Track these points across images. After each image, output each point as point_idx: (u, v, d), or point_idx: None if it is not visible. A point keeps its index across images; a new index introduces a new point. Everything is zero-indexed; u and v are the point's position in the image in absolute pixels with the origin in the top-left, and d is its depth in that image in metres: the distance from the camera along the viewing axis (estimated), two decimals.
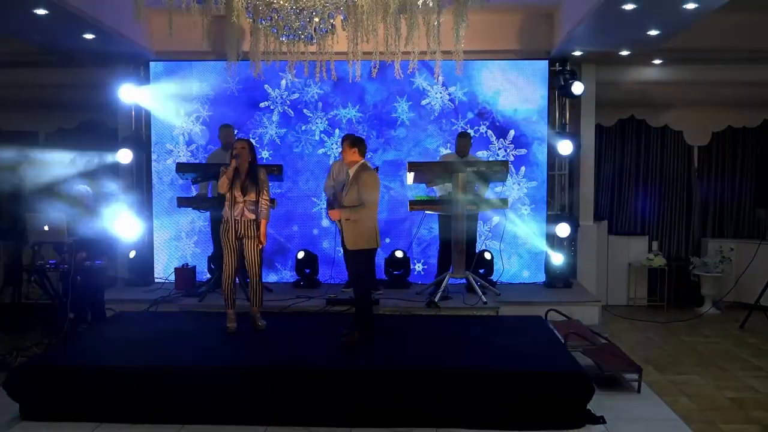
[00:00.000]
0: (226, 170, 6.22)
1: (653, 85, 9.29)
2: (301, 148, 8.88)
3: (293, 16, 4.48)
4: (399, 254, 8.47)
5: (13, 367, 5.84)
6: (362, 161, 6.10)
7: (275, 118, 8.87)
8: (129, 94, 8.62)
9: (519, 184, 8.79)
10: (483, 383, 5.17)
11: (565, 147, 8.39)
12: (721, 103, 9.55)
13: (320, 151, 8.85)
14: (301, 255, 8.45)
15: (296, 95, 8.83)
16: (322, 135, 8.85)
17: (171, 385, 5.22)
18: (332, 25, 4.78)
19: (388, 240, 8.63)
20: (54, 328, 6.72)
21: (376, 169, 7.58)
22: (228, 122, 8.37)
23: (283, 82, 8.77)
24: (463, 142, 7.99)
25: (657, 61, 8.85)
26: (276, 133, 8.88)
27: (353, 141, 6.10)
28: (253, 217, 6.27)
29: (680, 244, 9.91)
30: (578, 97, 8.61)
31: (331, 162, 8.37)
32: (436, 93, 8.75)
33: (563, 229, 8.43)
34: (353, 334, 6.00)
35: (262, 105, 8.87)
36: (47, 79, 9.15)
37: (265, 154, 8.79)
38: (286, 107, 8.84)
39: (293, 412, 5.15)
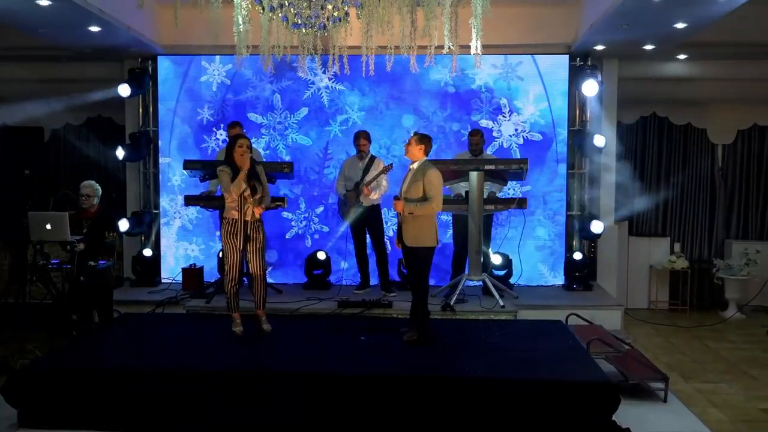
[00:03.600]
0: (226, 171, 5.97)
1: (676, 82, 8.99)
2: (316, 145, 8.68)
3: (305, 4, 4.23)
4: (321, 255, 8.24)
5: (14, 371, 5.64)
6: (425, 159, 6.02)
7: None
8: (135, 89, 8.41)
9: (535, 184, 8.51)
10: (501, 392, 4.94)
11: (600, 140, 8.11)
12: (747, 99, 9.25)
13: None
14: (322, 257, 8.21)
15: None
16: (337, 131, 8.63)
17: (177, 390, 5.02)
18: (346, 13, 4.52)
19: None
20: (57, 329, 6.54)
21: (390, 166, 7.39)
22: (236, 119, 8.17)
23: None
24: (475, 140, 7.73)
25: (681, 57, 8.55)
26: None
27: (421, 138, 6.03)
28: (258, 216, 6.06)
29: (703, 245, 9.62)
30: (592, 97, 8.31)
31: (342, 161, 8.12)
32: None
33: (597, 226, 8.09)
34: (413, 333, 5.94)
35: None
36: (54, 74, 8.98)
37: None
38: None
39: (303, 418, 4.95)
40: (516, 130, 8.46)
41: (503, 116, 8.47)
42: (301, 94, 8.61)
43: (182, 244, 8.76)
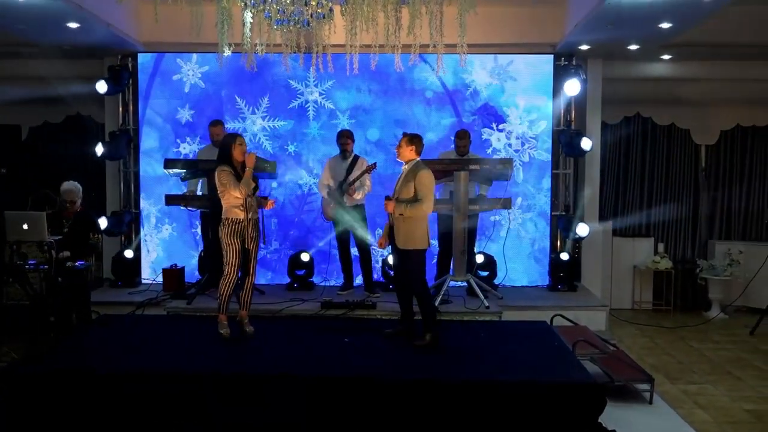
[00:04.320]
0: (228, 170, 5.85)
1: (660, 82, 9.00)
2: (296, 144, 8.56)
3: (288, 0, 4.15)
4: (304, 257, 8.13)
5: None
6: (418, 159, 5.91)
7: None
8: (113, 86, 8.27)
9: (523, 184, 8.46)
10: (486, 394, 4.88)
11: (587, 143, 8.04)
12: (730, 100, 9.28)
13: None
14: (306, 258, 8.09)
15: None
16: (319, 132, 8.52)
17: (158, 392, 4.91)
18: (330, 9, 4.45)
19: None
20: (34, 332, 6.40)
21: (374, 165, 7.32)
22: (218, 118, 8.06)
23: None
24: (462, 143, 7.66)
25: (665, 57, 8.54)
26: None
27: (410, 138, 5.91)
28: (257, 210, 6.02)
29: (687, 246, 9.63)
30: (573, 96, 8.30)
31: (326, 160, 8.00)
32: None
33: (583, 229, 8.06)
34: (424, 337, 5.82)
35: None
36: (32, 71, 8.80)
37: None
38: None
39: (289, 420, 4.87)
40: (523, 144, 8.39)
41: (502, 126, 8.42)
42: (287, 103, 8.47)
43: (163, 243, 8.65)
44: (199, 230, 8.29)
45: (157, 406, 4.90)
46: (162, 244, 8.61)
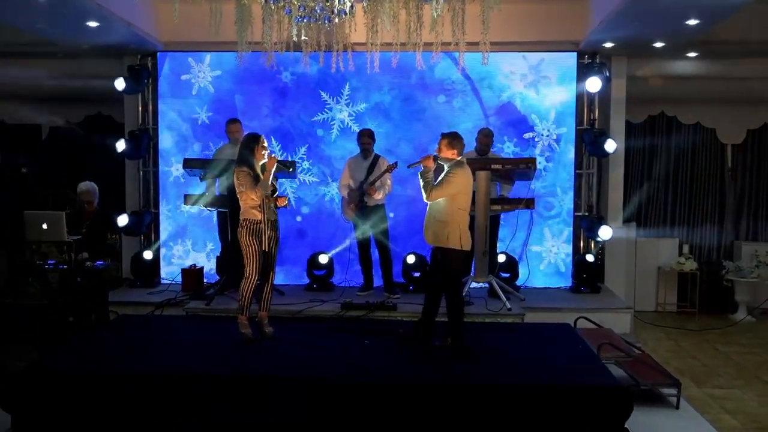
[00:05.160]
0: (247, 171, 5.79)
1: (686, 80, 8.85)
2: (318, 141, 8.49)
3: None
4: (323, 259, 8.02)
5: (7, 374, 5.48)
6: (459, 159, 5.71)
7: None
8: (132, 86, 8.25)
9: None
10: (509, 398, 4.80)
11: (611, 145, 7.89)
12: (757, 99, 9.10)
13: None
14: (324, 259, 8.01)
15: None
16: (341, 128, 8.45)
17: (176, 395, 4.88)
18: (352, 6, 4.37)
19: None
20: (53, 332, 6.39)
21: (395, 165, 7.23)
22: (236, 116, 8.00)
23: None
24: (486, 141, 7.55)
25: (691, 54, 8.37)
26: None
27: (450, 141, 5.71)
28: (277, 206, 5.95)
29: (712, 247, 9.47)
30: (597, 95, 8.21)
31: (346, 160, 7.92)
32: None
33: (606, 232, 7.86)
34: (446, 340, 5.71)
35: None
36: (52, 70, 8.80)
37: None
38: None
39: (306, 421, 4.82)
40: (549, 146, 8.27)
41: (529, 135, 8.30)
42: (310, 115, 8.39)
43: (182, 243, 8.62)
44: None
45: (158, 406, 4.87)
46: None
